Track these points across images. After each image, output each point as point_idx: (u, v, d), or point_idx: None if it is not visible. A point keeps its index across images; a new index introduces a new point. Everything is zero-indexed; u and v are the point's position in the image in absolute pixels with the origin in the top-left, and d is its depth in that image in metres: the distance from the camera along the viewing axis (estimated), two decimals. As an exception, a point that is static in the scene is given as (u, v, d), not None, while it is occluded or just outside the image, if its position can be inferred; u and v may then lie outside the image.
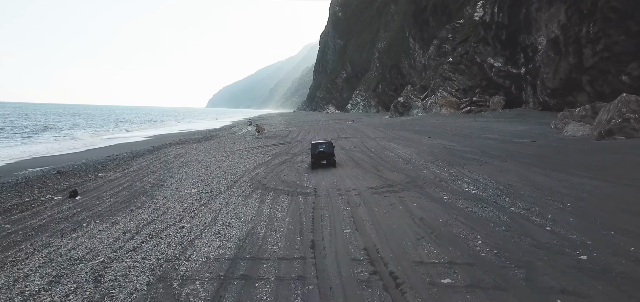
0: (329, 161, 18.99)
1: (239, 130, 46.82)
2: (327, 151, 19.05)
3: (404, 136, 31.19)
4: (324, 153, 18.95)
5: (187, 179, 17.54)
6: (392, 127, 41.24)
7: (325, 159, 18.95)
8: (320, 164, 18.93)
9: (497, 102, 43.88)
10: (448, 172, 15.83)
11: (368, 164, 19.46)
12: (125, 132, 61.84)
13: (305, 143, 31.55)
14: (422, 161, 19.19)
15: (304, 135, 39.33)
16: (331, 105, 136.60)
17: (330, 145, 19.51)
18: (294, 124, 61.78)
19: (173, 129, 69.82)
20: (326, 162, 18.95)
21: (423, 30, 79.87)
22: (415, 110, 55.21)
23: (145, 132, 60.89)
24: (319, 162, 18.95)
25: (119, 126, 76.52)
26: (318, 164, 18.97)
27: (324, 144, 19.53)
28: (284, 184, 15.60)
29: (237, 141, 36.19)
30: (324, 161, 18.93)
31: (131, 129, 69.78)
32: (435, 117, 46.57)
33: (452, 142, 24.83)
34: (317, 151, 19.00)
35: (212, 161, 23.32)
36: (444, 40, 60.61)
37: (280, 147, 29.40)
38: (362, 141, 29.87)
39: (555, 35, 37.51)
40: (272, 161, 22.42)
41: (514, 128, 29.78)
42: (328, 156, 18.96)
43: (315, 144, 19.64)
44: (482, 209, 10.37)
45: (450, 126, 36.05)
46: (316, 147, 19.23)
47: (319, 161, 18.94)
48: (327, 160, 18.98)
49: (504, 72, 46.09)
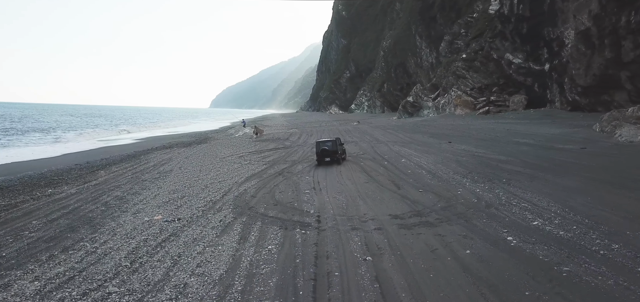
0: (332, 158, 19.53)
1: (235, 132, 43.05)
2: (330, 149, 19.63)
3: (419, 140, 27.39)
4: (328, 151, 19.59)
5: (156, 198, 13.85)
6: (403, 129, 37.40)
7: (329, 156, 19.56)
8: (325, 161, 19.59)
9: (518, 102, 39.92)
10: (492, 192, 12.05)
11: (384, 177, 15.73)
12: (117, 133, 58.36)
13: (307, 148, 27.86)
14: (451, 173, 15.43)
15: (306, 138, 35.62)
16: (334, 105, 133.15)
17: (335, 144, 19.89)
18: (296, 125, 58.12)
19: (169, 130, 66.33)
20: (330, 159, 19.54)
21: (430, 28, 76.33)
22: (426, 111, 51.22)
23: (139, 134, 57.38)
24: (323, 159, 19.65)
25: (114, 128, 73.15)
26: (322, 161, 19.66)
27: (329, 142, 20.12)
28: (278, 208, 11.87)
29: (232, 145, 32.52)
30: (327, 158, 19.56)
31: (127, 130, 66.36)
32: (450, 119, 42.64)
33: (480, 148, 21.03)
34: (321, 149, 19.71)
35: (196, 171, 19.65)
36: (456, 36, 56.68)
37: (279, 153, 25.70)
38: (372, 146, 26.10)
39: (586, 27, 33.56)
40: (266, 171, 18.73)
41: (547, 131, 25.90)
42: (332, 154, 19.55)
43: (320, 142, 20.36)
44: (583, 266, 6.59)
45: (470, 129, 32.20)
46: (320, 145, 19.95)
47: (323, 158, 19.64)
48: (331, 158, 19.55)
49: (524, 69, 42.14)
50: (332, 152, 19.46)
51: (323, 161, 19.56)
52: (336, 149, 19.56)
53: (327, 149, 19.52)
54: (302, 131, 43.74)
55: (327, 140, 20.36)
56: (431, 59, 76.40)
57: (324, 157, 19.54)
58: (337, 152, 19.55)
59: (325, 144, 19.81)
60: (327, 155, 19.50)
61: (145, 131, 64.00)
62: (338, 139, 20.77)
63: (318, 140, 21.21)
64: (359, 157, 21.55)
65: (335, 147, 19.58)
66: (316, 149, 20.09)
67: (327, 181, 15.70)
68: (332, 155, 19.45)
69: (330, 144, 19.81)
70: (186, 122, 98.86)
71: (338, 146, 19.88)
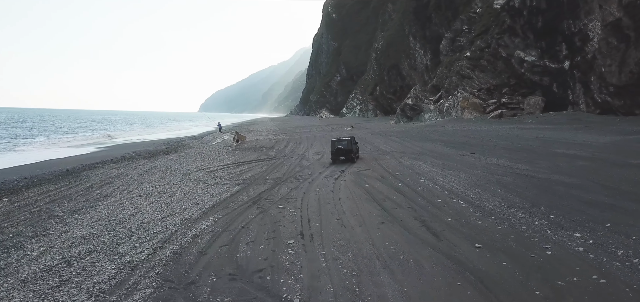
0: (347, 157, 19.93)
1: (213, 139, 37.38)
2: (346, 148, 20.09)
3: (433, 151, 22.37)
4: (343, 150, 20.04)
5: (33, 262, 8.50)
6: (408, 136, 32.35)
7: (344, 155, 19.96)
8: (340, 159, 19.98)
9: (535, 104, 35.32)
10: (605, 250, 7.05)
11: (405, 211, 10.62)
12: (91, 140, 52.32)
13: (294, 160, 22.68)
14: (502, 204, 10.42)
15: (294, 147, 30.39)
16: (325, 109, 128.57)
17: (350, 142, 20.41)
18: (284, 131, 52.89)
19: (148, 136, 60.55)
20: (345, 158, 19.93)
21: (425, 28, 72.48)
22: (428, 115, 46.34)
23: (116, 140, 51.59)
24: (337, 158, 20.07)
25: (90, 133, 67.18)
26: (337, 160, 20.06)
27: (343, 141, 20.68)
28: (236, 290, 6.65)
29: (205, 156, 27.13)
30: (342, 157, 19.98)
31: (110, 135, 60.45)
32: (458, 123, 37.78)
33: (518, 163, 16.11)
34: (336, 148, 20.15)
35: (141, 197, 14.32)
36: (459, 33, 52.08)
37: (259, 167, 20.46)
38: (376, 158, 21.00)
39: (616, 18, 29.12)
40: (237, 197, 13.51)
41: (591, 139, 21.15)
42: (347, 153, 19.97)
43: (335, 141, 20.80)
44: None
45: (488, 135, 27.34)
46: (335, 145, 20.37)
47: (338, 157, 20.06)
48: (346, 156, 19.95)
49: (539, 68, 37.63)
50: (346, 151, 19.95)
51: (338, 160, 20.03)
52: (351, 148, 20.10)
53: (342, 148, 20.04)
54: (291, 138, 38.49)
55: (342, 140, 21.03)
56: (426, 60, 72.57)
57: (338, 156, 20.03)
58: (351, 151, 20.05)
59: (340, 143, 20.38)
60: (341, 154, 19.98)
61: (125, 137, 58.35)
62: (353, 138, 21.23)
63: (333, 139, 21.69)
64: (362, 175, 16.44)
65: (350, 146, 20.13)
66: (331, 148, 20.67)
67: (323, 218, 10.54)
68: (346, 154, 19.92)
69: (345, 143, 20.38)
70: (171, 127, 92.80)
71: (353, 145, 20.40)
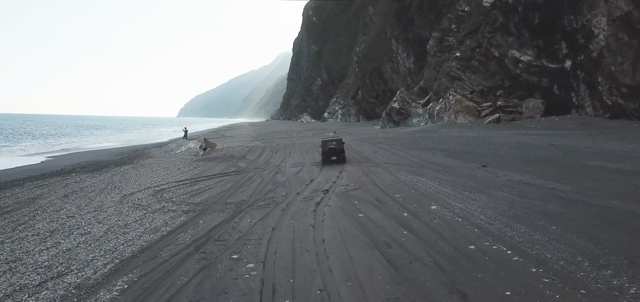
0: (339, 157, 19.75)
1: (177, 147, 32.45)
2: (338, 148, 19.90)
3: (433, 162, 18.66)
4: (335, 150, 19.85)
5: None
6: (399, 143, 28.68)
7: (336, 155, 19.76)
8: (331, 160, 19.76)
9: (535, 108, 32.36)
10: None
11: (428, 273, 6.63)
12: (51, 147, 46.63)
13: (268, 173, 18.58)
14: (583, 262, 6.63)
15: (269, 156, 26.28)
16: (306, 114, 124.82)
17: (340, 142, 20.31)
18: (262, 137, 48.64)
19: (110, 143, 55.13)
20: (336, 158, 19.73)
21: (407, 31, 70.06)
22: (417, 119, 42.94)
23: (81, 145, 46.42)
24: (329, 158, 19.80)
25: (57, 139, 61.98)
26: (329, 160, 19.80)
27: (334, 141, 20.46)
28: None
29: (162, 168, 22.70)
30: (334, 157, 19.76)
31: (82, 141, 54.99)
32: (452, 129, 34.43)
33: (552, 180, 12.55)
34: (328, 148, 19.91)
35: (37, 239, 9.97)
36: (446, 32, 49.14)
37: (222, 185, 16.26)
38: (366, 172, 17.12)
39: (625, 12, 26.41)
40: (175, 238, 9.35)
41: (625, 149, 17.95)
42: (339, 153, 19.79)
43: (326, 141, 20.62)
44: None
45: (492, 143, 23.93)
46: (326, 145, 20.13)
47: (330, 157, 19.80)
48: (338, 156, 19.75)
49: (537, 68, 34.81)
50: (338, 151, 19.78)
51: (329, 160, 19.78)
52: (342, 148, 19.95)
53: (334, 148, 19.82)
54: (267, 145, 34.31)
55: (332, 140, 20.86)
56: (409, 63, 70.24)
57: (330, 156, 19.80)
58: (343, 151, 19.92)
59: (331, 143, 20.17)
60: (333, 154, 19.75)
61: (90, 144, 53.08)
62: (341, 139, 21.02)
63: (324, 139, 21.61)
64: (351, 197, 12.53)
65: (340, 146, 19.94)
66: (322, 148, 20.39)
67: (297, 285, 6.50)
68: (338, 154, 19.74)
69: (336, 143, 20.23)
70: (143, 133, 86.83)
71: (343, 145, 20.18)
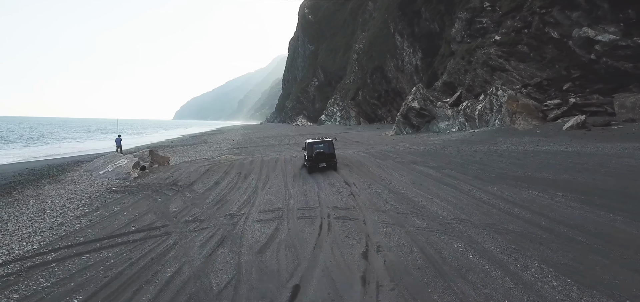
0: (329, 163, 16.63)
1: (104, 164, 21.50)
2: (327, 151, 16.71)
3: (569, 222, 8.53)
4: (324, 154, 16.59)
5: None
6: (443, 162, 17.91)
7: (325, 161, 16.57)
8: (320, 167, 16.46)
9: (635, 106, 22.21)
10: None
11: None
12: None
13: (199, 244, 8.31)
14: None
15: (235, 182, 15.95)
16: (302, 116, 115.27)
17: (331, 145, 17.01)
18: (248, 143, 38.62)
19: (57, 151, 45.06)
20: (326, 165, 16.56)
21: (413, 24, 61.04)
22: (445, 123, 32.49)
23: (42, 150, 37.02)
24: (317, 164, 16.46)
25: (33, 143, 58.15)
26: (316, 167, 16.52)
27: (322, 143, 17.09)
28: None
29: (38, 212, 12.39)
30: (323, 163, 16.53)
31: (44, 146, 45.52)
32: (514, 136, 23.45)
33: None
34: (316, 152, 16.51)
35: None
36: (477, 12, 38.96)
37: (98, 283, 6.03)
38: (426, 279, 6.93)
39: None
40: None
41: None
42: (328, 158, 16.60)
43: (312, 143, 17.13)
44: None
45: (624, 169, 13.74)
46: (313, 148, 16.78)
47: (318, 164, 16.48)
48: (327, 162, 16.58)
49: (628, 50, 24.76)
50: (328, 156, 16.54)
51: (317, 167, 16.41)
52: (333, 152, 16.83)
53: (323, 152, 16.55)
54: (243, 160, 23.80)
55: (320, 142, 17.15)
56: (415, 60, 61.03)
57: (318, 162, 16.42)
58: (334, 156, 16.78)
59: (319, 146, 16.77)
60: (322, 159, 16.45)
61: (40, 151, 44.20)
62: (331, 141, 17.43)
63: (310, 141, 17.30)
64: None
65: (331, 149, 16.83)
66: (307, 152, 16.89)
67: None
68: (328, 159, 16.51)
69: (325, 145, 16.84)
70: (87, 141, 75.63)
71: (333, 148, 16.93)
